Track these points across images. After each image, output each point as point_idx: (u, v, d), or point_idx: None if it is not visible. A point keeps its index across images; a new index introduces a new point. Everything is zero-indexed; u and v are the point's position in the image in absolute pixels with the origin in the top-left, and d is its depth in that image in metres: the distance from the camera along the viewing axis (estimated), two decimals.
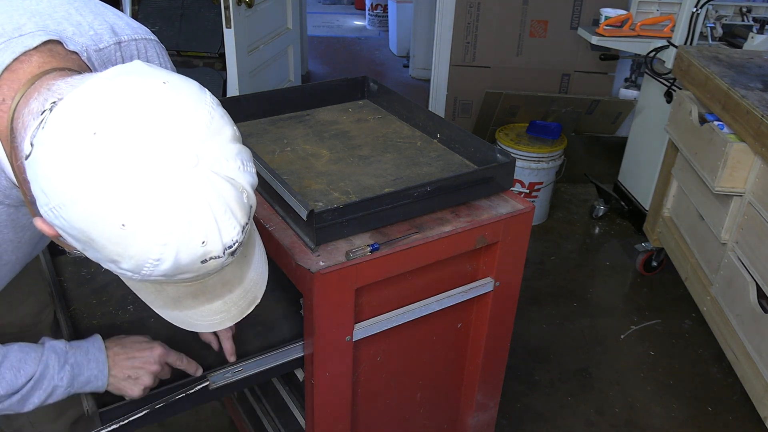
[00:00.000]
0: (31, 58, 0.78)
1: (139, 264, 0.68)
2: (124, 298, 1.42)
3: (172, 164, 0.66)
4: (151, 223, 0.66)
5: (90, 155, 0.65)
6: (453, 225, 1.29)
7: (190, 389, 1.16)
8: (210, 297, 0.83)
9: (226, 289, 0.84)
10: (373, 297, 1.27)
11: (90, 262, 1.50)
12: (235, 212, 0.71)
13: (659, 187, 2.71)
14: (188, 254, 0.68)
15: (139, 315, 1.38)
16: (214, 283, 0.81)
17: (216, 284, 0.82)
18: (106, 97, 0.68)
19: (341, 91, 1.81)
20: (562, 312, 2.66)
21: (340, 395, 1.32)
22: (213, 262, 0.71)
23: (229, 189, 0.70)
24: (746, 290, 2.00)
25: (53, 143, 0.66)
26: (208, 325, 0.87)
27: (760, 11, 2.77)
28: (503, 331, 1.53)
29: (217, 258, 0.71)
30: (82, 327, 1.33)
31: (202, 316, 0.85)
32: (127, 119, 0.66)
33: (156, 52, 1.00)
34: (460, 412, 1.64)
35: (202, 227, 0.68)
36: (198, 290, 0.81)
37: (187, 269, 0.70)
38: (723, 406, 2.25)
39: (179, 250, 0.68)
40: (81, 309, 1.38)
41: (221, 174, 0.70)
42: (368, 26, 6.86)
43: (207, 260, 0.70)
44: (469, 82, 3.61)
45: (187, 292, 0.81)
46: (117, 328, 1.33)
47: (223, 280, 0.82)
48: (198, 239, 0.68)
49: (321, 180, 1.41)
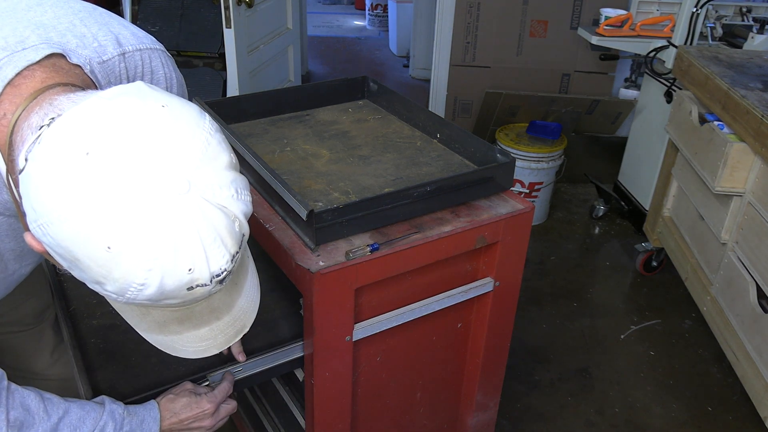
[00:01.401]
0: (34, 73, 0.77)
1: (123, 287, 0.68)
2: None
3: (162, 189, 0.65)
4: (137, 247, 0.65)
5: (81, 175, 0.64)
6: (453, 225, 1.29)
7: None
8: (196, 323, 0.82)
9: (214, 317, 0.83)
10: (373, 297, 1.27)
11: None
12: (225, 240, 0.70)
13: (659, 187, 2.71)
14: (174, 281, 0.68)
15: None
16: (201, 310, 0.81)
17: (203, 311, 0.81)
18: (102, 117, 0.67)
19: (341, 91, 1.81)
20: (562, 312, 2.66)
21: (340, 395, 1.32)
22: (199, 289, 0.70)
23: (220, 217, 0.69)
24: (746, 290, 1.99)
25: (46, 160, 0.66)
26: (192, 351, 0.86)
27: (760, 11, 2.77)
28: (503, 331, 1.53)
29: (204, 286, 0.70)
30: (82, 327, 1.33)
31: (187, 342, 0.84)
32: (121, 141, 0.65)
33: (161, 61, 0.99)
34: (460, 412, 1.64)
35: (190, 254, 0.67)
36: (184, 316, 0.80)
37: (172, 295, 0.69)
38: (723, 406, 2.25)
39: (164, 275, 0.67)
40: (81, 309, 1.38)
41: (213, 201, 0.69)
42: (368, 26, 6.86)
43: (193, 287, 0.70)
44: (469, 82, 3.61)
45: (173, 318, 0.80)
46: (117, 328, 1.33)
47: (211, 307, 0.81)
48: (184, 266, 0.67)
49: (321, 180, 1.41)
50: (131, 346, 1.29)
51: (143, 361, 1.26)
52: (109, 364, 1.25)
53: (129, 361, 1.26)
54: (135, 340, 1.30)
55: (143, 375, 1.22)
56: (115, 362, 1.25)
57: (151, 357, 1.27)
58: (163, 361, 1.26)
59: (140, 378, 1.22)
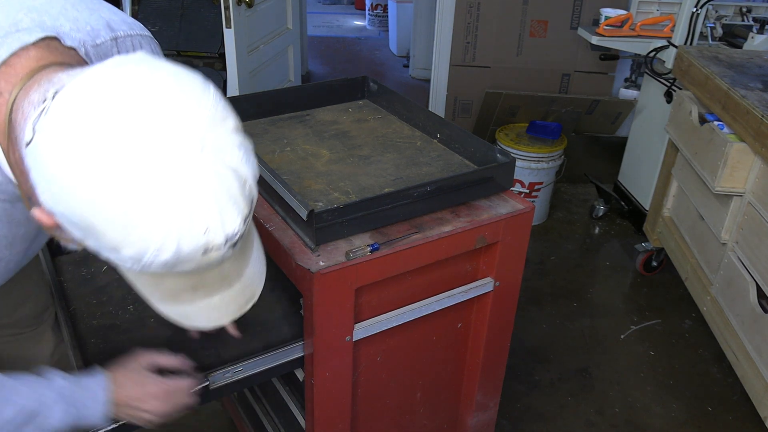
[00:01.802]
0: (29, 53, 0.77)
1: (139, 252, 0.67)
2: (124, 298, 1.42)
3: (176, 150, 0.65)
4: (154, 208, 0.64)
5: (93, 139, 0.64)
6: (453, 225, 1.29)
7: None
8: (209, 291, 0.82)
9: (225, 284, 0.83)
10: (373, 297, 1.27)
11: (90, 262, 1.51)
12: (238, 202, 0.69)
13: (659, 187, 2.72)
14: (190, 243, 0.67)
15: (139, 315, 1.38)
16: (213, 277, 0.80)
17: (215, 279, 0.81)
18: (110, 82, 0.67)
19: (341, 91, 1.81)
20: (562, 312, 2.66)
21: (340, 395, 1.32)
22: (214, 254, 0.70)
23: (232, 178, 0.69)
24: (746, 290, 2.00)
25: (56, 128, 0.66)
26: (206, 320, 0.85)
27: (760, 11, 2.77)
28: (503, 331, 1.53)
29: (218, 249, 0.70)
30: (82, 327, 1.33)
31: (200, 312, 0.83)
32: (133, 104, 0.65)
33: (151, 48, 1.00)
34: (460, 412, 1.64)
35: (205, 215, 0.67)
36: (197, 283, 0.80)
37: (187, 259, 0.69)
38: (723, 406, 2.25)
39: (181, 237, 0.66)
40: (81, 309, 1.38)
41: (225, 162, 0.69)
42: (368, 26, 6.86)
43: (208, 251, 0.69)
44: (469, 82, 3.61)
45: (186, 286, 0.80)
46: (117, 328, 1.33)
47: (222, 274, 0.81)
48: (200, 227, 0.67)
49: (321, 180, 1.41)
50: (131, 346, 1.29)
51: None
52: (109, 364, 1.25)
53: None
54: (135, 340, 1.31)
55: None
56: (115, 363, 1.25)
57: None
58: None
59: None
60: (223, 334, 1.34)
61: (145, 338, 1.32)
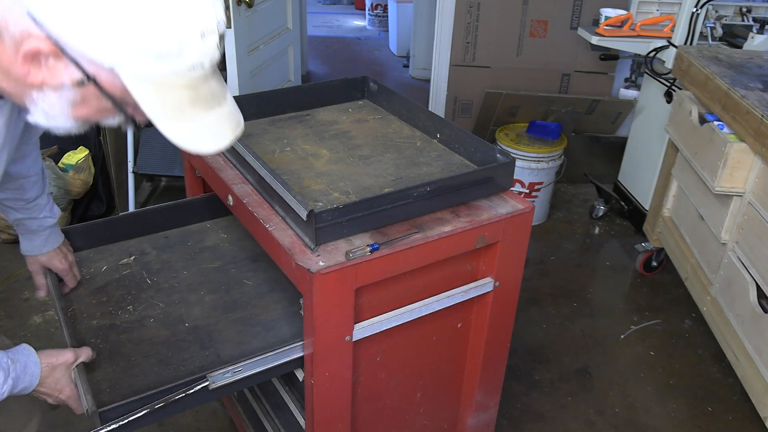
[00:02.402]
0: None
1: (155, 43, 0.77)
2: (123, 298, 1.43)
3: None
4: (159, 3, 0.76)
5: None
6: (453, 225, 1.29)
7: (190, 389, 1.16)
8: (205, 106, 0.88)
9: (216, 102, 0.89)
10: (373, 297, 1.27)
11: (90, 262, 1.51)
12: (216, 4, 0.81)
13: (659, 187, 2.71)
14: (189, 24, 0.78)
15: (139, 315, 1.38)
16: (205, 93, 0.87)
17: (207, 94, 0.88)
18: None
19: (341, 91, 1.81)
20: (562, 312, 2.66)
21: (339, 395, 1.32)
22: (209, 40, 0.81)
23: None
24: (746, 290, 1.99)
25: None
26: (207, 141, 0.90)
27: (760, 11, 2.77)
28: (503, 331, 1.53)
29: (212, 33, 0.81)
30: (82, 328, 1.33)
31: (201, 131, 0.89)
32: None
33: None
34: (460, 412, 1.64)
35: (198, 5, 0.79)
36: (194, 97, 0.86)
37: (188, 47, 0.79)
38: (723, 406, 2.25)
39: (183, 22, 0.78)
40: (81, 309, 1.38)
41: None
42: (368, 26, 6.86)
43: (204, 35, 0.80)
44: (469, 82, 3.61)
45: (186, 99, 0.85)
46: (116, 328, 1.34)
47: (211, 90, 0.88)
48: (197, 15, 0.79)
49: (321, 180, 1.41)
50: (131, 346, 1.30)
51: (143, 360, 1.26)
52: (108, 364, 1.25)
53: (129, 360, 1.26)
54: (134, 340, 1.31)
55: (142, 375, 1.23)
56: (115, 362, 1.25)
57: (150, 357, 1.27)
58: (162, 361, 1.26)
59: (139, 378, 1.22)
60: (223, 334, 1.35)
61: (143, 338, 1.32)
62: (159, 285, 1.48)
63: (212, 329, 1.36)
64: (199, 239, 1.64)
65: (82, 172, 2.89)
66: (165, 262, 1.55)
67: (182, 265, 1.55)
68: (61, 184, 2.81)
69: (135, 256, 1.56)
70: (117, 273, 1.50)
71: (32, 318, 2.47)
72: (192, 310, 1.41)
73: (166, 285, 1.48)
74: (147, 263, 1.54)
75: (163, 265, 1.54)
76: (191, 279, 1.51)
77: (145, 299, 1.43)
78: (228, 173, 1.45)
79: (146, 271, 1.52)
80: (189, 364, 1.26)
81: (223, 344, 1.32)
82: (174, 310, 1.41)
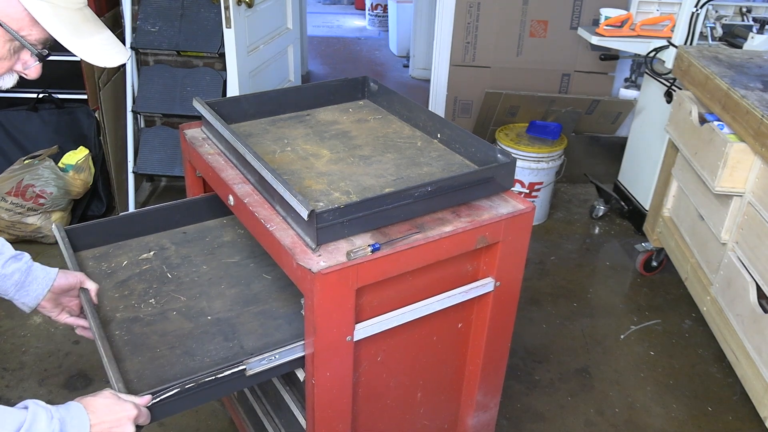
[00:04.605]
0: None
1: None
2: (146, 291, 1.44)
3: None
4: None
5: None
6: (453, 225, 1.29)
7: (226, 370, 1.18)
8: (95, 27, 1.00)
9: (101, 25, 1.01)
10: (374, 297, 1.27)
11: (111, 257, 1.52)
12: None
13: (659, 187, 2.72)
14: None
15: (161, 308, 1.39)
16: (90, 16, 0.99)
17: (91, 17, 1.00)
18: None
19: (341, 91, 1.81)
20: (562, 312, 2.66)
21: (340, 395, 1.32)
22: None
23: None
24: (746, 290, 2.00)
25: None
26: (107, 55, 1.00)
27: (760, 11, 2.77)
28: (503, 331, 1.53)
29: None
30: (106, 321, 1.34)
31: (100, 47, 1.00)
32: None
33: None
34: (461, 412, 1.65)
35: None
36: (84, 18, 0.97)
37: None
38: (723, 406, 2.25)
39: None
40: (104, 303, 1.40)
41: None
42: (368, 26, 6.86)
43: None
44: (469, 82, 3.61)
45: (79, 19, 0.96)
46: (140, 321, 1.35)
47: (93, 16, 1.00)
48: None
49: (322, 180, 1.41)
50: (155, 338, 1.31)
51: (168, 352, 1.27)
52: (134, 355, 1.27)
53: (154, 352, 1.28)
54: (158, 332, 1.33)
55: (169, 366, 1.24)
56: (141, 354, 1.27)
57: (175, 348, 1.28)
58: (187, 353, 1.28)
59: (166, 369, 1.23)
60: (246, 326, 1.35)
61: (167, 331, 1.33)
62: (180, 279, 1.50)
63: (235, 322, 1.37)
64: (217, 235, 1.66)
65: (82, 172, 2.89)
66: (185, 257, 1.57)
67: (201, 259, 1.57)
68: (61, 184, 2.81)
69: (155, 251, 1.58)
70: (138, 267, 1.53)
71: (32, 318, 2.47)
72: (213, 303, 1.43)
73: (187, 279, 1.50)
74: (167, 258, 1.56)
75: (183, 259, 1.56)
76: (211, 273, 1.52)
77: (166, 293, 1.45)
78: (229, 173, 1.45)
79: (166, 266, 1.54)
80: (214, 355, 1.28)
81: (247, 336, 1.33)
82: (196, 303, 1.42)
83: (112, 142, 3.04)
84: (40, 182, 2.77)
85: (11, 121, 2.97)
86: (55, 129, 3.00)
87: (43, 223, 2.84)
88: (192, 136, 1.64)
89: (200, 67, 3.09)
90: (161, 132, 3.11)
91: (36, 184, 2.77)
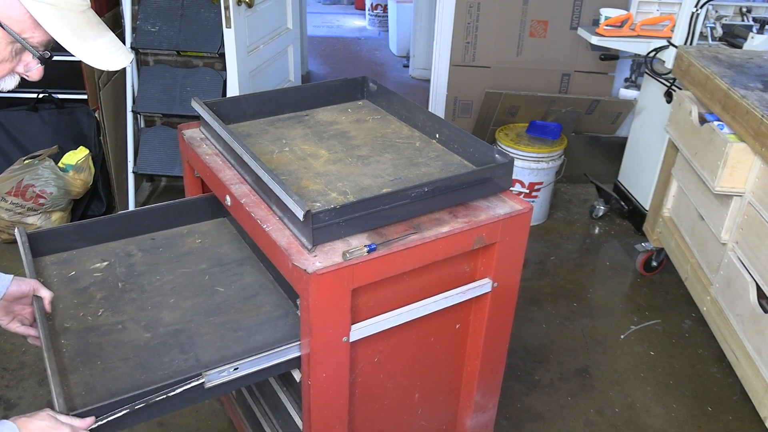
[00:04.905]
0: None
1: None
2: (106, 299, 1.41)
3: None
4: None
5: None
6: (451, 225, 1.29)
7: (185, 385, 1.15)
8: (99, 30, 0.98)
9: (104, 28, 0.99)
10: (370, 297, 1.27)
11: (73, 263, 1.50)
12: None
13: (659, 187, 2.71)
14: None
15: (119, 318, 1.37)
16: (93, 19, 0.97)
17: (94, 20, 0.97)
18: None
19: (341, 91, 1.80)
20: (562, 312, 2.66)
21: (337, 396, 1.32)
22: None
23: None
24: (746, 290, 1.99)
25: None
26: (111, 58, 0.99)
27: (760, 11, 2.76)
28: (501, 332, 1.53)
29: None
30: (58, 329, 1.32)
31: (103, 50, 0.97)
32: None
33: None
34: (459, 413, 1.64)
35: None
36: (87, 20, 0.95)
37: None
38: (723, 406, 2.24)
39: None
40: (61, 311, 1.36)
41: None
42: (368, 26, 6.86)
43: None
44: (469, 82, 3.60)
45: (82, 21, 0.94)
46: (95, 330, 1.32)
47: (96, 18, 0.98)
48: None
49: (319, 180, 1.41)
50: (109, 349, 1.28)
51: (121, 364, 1.25)
52: (85, 367, 1.23)
53: (106, 364, 1.24)
54: (113, 343, 1.29)
55: (120, 379, 1.21)
56: (92, 365, 1.24)
57: (129, 360, 1.26)
58: (141, 365, 1.25)
59: (117, 381, 1.20)
60: (204, 338, 1.34)
61: (122, 341, 1.31)
62: (143, 287, 1.46)
63: (193, 333, 1.33)
64: (186, 242, 1.62)
65: (82, 172, 2.89)
66: (150, 264, 1.53)
67: (167, 267, 1.53)
68: (61, 184, 2.81)
69: (120, 258, 1.54)
70: (100, 274, 1.48)
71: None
72: (174, 313, 1.39)
73: (149, 287, 1.46)
74: (132, 265, 1.52)
75: (148, 267, 1.52)
76: (175, 282, 1.48)
77: (127, 301, 1.41)
78: (226, 173, 1.45)
79: (130, 273, 1.50)
80: (167, 367, 1.24)
81: (204, 348, 1.29)
82: (155, 313, 1.39)
83: (112, 142, 3.04)
84: (40, 182, 2.78)
85: (11, 121, 2.98)
86: (55, 129, 3.00)
87: (43, 224, 2.84)
88: (190, 136, 1.64)
89: (200, 67, 3.09)
90: (161, 132, 3.11)
91: (36, 184, 2.77)
